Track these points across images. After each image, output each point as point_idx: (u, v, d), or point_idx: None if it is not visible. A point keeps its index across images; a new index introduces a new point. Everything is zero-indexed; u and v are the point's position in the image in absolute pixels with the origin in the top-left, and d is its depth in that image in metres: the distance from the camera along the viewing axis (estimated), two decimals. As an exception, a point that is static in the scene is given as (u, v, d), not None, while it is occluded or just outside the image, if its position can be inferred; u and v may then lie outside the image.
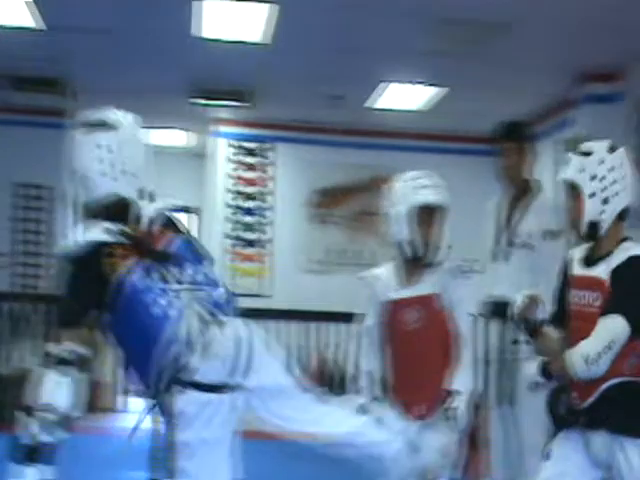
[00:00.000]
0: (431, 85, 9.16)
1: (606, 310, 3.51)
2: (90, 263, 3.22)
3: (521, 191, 5.37)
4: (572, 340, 3.60)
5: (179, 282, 3.29)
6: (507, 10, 7.08)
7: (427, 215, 4.23)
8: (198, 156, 12.09)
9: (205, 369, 3.23)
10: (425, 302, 4.33)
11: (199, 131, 11.34)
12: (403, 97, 9.56)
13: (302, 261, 10.95)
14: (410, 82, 9.11)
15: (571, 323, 3.69)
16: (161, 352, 3.16)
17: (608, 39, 7.54)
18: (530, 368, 3.77)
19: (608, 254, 3.62)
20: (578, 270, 3.72)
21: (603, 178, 3.58)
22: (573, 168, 3.64)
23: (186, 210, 3.69)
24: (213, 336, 3.27)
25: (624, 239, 3.63)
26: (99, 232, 3.28)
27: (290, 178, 11.01)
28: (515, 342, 4.66)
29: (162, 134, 11.35)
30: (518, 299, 3.71)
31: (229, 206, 10.92)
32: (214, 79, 9.26)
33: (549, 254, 5.05)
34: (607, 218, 3.59)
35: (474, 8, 7.04)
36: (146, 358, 3.18)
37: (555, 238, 5.16)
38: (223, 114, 10.62)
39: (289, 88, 9.58)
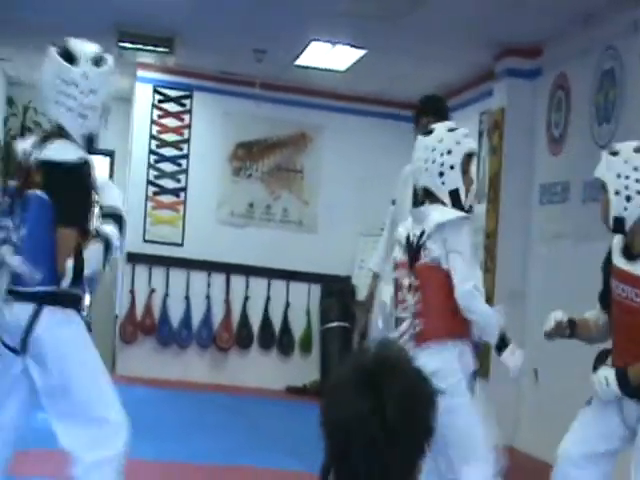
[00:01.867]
0: (354, 47, 9.20)
1: None
2: None
3: None
4: (616, 326, 3.99)
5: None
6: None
7: (468, 164, 4.31)
8: (123, 100, 12.00)
9: None
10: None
11: (123, 74, 11.23)
12: (327, 56, 9.57)
13: (220, 213, 10.96)
14: (334, 42, 9.12)
15: (614, 309, 3.99)
16: None
17: (529, 14, 7.66)
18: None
19: None
20: (619, 262, 3.98)
21: (627, 177, 3.84)
22: (602, 166, 3.93)
23: (96, 153, 3.90)
24: None
25: None
26: None
27: (208, 128, 10.98)
28: None
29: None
30: None
31: (153, 153, 10.86)
32: (138, 23, 9.18)
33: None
34: (631, 214, 3.86)
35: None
36: None
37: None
38: (147, 59, 10.53)
39: (212, 38, 9.55)
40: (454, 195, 4.16)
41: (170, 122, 10.92)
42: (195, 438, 7.40)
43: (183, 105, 10.94)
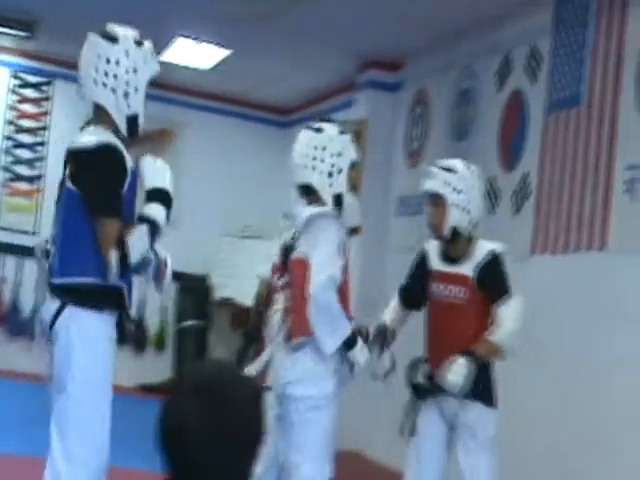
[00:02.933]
0: (220, 46, 9.22)
1: (499, 296, 4.31)
2: None
3: None
4: (434, 326, 4.46)
5: None
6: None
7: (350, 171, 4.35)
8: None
9: None
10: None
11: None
12: (192, 53, 9.57)
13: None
14: (200, 40, 9.12)
15: (433, 311, 4.49)
16: None
17: (392, 28, 7.84)
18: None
19: (466, 254, 4.37)
20: (440, 266, 4.46)
21: (466, 192, 4.36)
22: (438, 181, 4.35)
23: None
24: None
25: (473, 239, 4.41)
26: None
27: (68, 117, 10.78)
28: None
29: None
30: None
31: (8, 138, 10.63)
32: (-2, 4, 9.00)
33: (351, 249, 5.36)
34: (468, 225, 4.36)
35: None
36: None
37: (356, 234, 5.28)
38: (5, 42, 10.30)
39: (76, 25, 9.24)
40: (338, 199, 4.18)
41: (29, 108, 10.71)
42: (41, 432, 7.33)
43: (43, 92, 10.75)
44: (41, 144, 10.72)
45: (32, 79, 10.73)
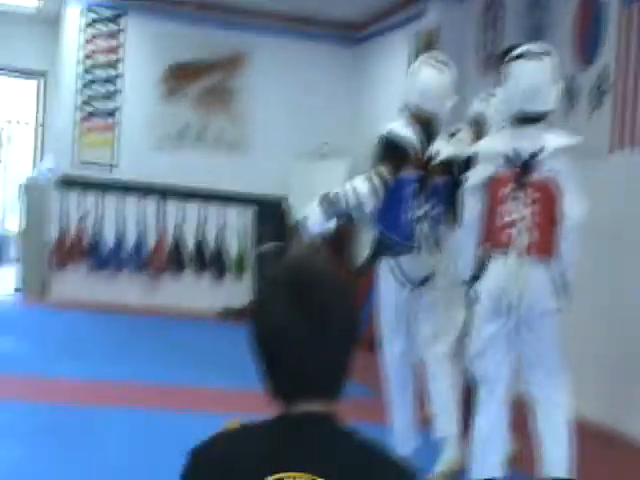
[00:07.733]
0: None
1: None
2: None
3: None
4: None
5: None
6: None
7: None
8: (50, 20, 11.73)
9: None
10: None
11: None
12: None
13: (153, 135, 10.83)
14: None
15: None
16: None
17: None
18: None
19: None
20: None
21: None
22: None
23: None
24: None
25: None
26: None
27: (142, 48, 10.79)
28: None
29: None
30: None
31: (85, 72, 10.67)
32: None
33: None
34: None
35: None
36: None
37: None
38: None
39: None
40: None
41: (103, 43, 10.70)
42: (131, 360, 7.40)
43: (116, 24, 10.72)
44: (119, 77, 10.72)
45: (106, 12, 10.69)
